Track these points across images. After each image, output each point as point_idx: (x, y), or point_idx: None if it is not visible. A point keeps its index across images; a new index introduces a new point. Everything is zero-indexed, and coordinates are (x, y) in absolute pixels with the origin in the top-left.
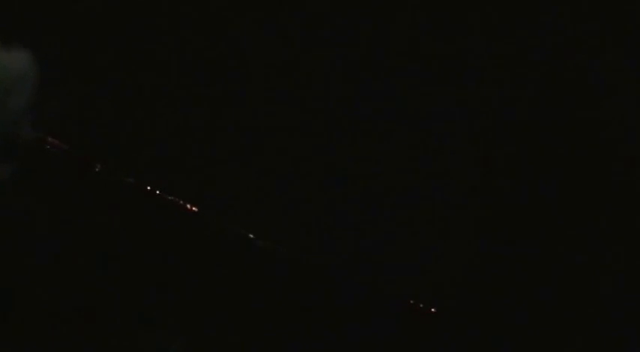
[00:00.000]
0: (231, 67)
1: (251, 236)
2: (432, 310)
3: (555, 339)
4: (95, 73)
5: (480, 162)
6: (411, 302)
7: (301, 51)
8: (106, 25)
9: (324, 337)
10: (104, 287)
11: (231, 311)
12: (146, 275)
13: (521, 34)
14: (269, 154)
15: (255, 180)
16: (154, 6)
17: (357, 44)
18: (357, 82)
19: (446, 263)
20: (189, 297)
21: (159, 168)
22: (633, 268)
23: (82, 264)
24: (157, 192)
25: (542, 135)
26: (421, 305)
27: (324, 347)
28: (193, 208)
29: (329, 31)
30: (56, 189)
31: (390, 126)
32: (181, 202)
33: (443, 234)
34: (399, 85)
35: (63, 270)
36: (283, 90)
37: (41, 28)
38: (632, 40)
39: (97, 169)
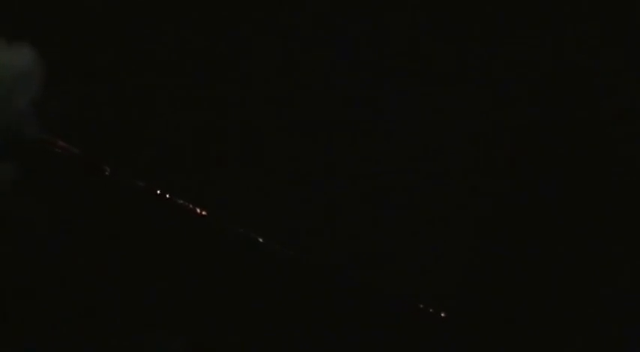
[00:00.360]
0: (242, 71)
1: (259, 239)
2: (442, 314)
3: (560, 339)
4: (100, 73)
5: (480, 162)
6: (421, 306)
7: (301, 51)
8: (112, 25)
9: (331, 340)
10: (104, 287)
11: (231, 311)
12: (147, 276)
13: (521, 35)
14: (274, 156)
15: (259, 183)
16: (160, 6)
17: (357, 45)
18: (358, 82)
19: (451, 265)
20: (189, 297)
21: (163, 170)
22: (633, 268)
23: (82, 264)
24: (159, 192)
25: (542, 135)
26: (431, 310)
27: (331, 349)
28: (198, 209)
29: (329, 31)
30: (60, 188)
31: (391, 127)
32: (184, 203)
33: (446, 235)
34: (400, 86)
35: (63, 270)
36: (290, 93)
37: (46, 27)
38: (632, 40)
39: (106, 173)
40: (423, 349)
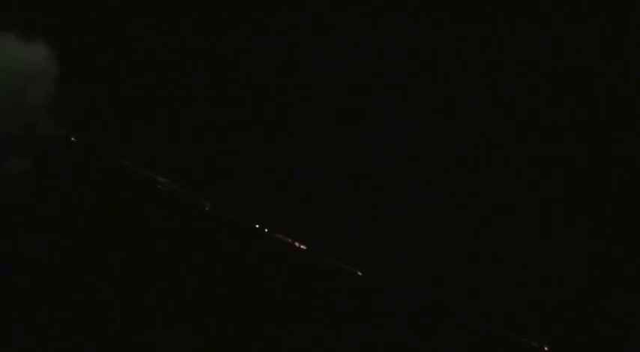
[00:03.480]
0: (242, 71)
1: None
2: (545, 349)
3: None
4: (112, 71)
5: (480, 162)
6: (524, 340)
7: (301, 51)
8: (128, 22)
9: None
10: (105, 287)
11: (232, 311)
12: (148, 276)
13: (521, 35)
14: (273, 156)
15: (260, 183)
16: (163, 7)
17: (358, 45)
18: (359, 83)
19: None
20: (191, 297)
21: (165, 168)
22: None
23: (83, 263)
24: (160, 190)
25: (543, 134)
26: (534, 344)
27: None
28: (200, 207)
29: (329, 31)
30: (71, 183)
31: (391, 127)
32: (188, 200)
33: (449, 240)
34: (400, 86)
35: (64, 270)
36: (290, 93)
37: (60, 25)
38: (632, 40)
39: (206, 208)
40: None
